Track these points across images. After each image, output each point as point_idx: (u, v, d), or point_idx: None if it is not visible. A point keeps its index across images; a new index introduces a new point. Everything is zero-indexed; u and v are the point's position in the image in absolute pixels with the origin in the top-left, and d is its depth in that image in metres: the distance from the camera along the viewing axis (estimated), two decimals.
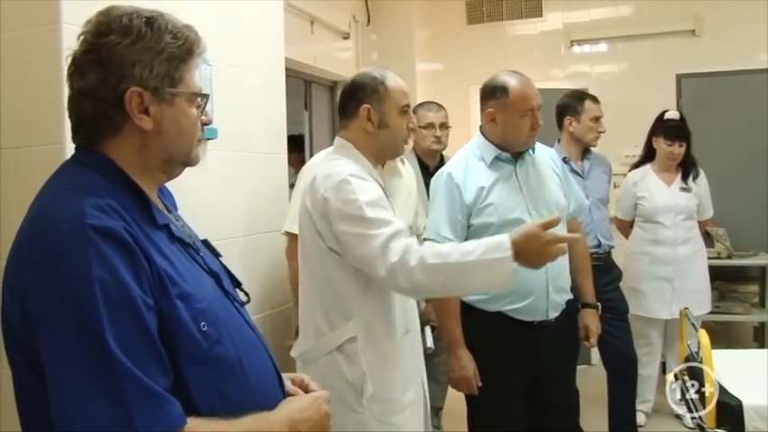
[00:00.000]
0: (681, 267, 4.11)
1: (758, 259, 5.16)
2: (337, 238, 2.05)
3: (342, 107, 2.25)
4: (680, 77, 5.58)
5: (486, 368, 2.61)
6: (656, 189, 4.19)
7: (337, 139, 2.27)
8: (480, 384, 2.60)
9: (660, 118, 4.25)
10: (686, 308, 2.84)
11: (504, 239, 1.90)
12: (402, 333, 2.19)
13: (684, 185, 4.19)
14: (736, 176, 4.86)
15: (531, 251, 1.90)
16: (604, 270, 3.74)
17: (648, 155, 4.29)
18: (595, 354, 4.58)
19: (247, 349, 1.31)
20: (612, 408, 3.88)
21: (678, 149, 4.12)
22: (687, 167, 4.21)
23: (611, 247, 3.96)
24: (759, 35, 5.34)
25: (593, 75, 5.81)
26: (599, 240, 3.83)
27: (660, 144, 4.18)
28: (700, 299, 4.16)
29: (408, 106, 2.25)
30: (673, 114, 4.21)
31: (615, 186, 4.60)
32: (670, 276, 4.11)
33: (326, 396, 1.44)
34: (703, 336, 2.36)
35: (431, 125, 3.77)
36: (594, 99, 4.00)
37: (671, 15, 5.56)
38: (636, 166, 4.36)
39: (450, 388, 2.89)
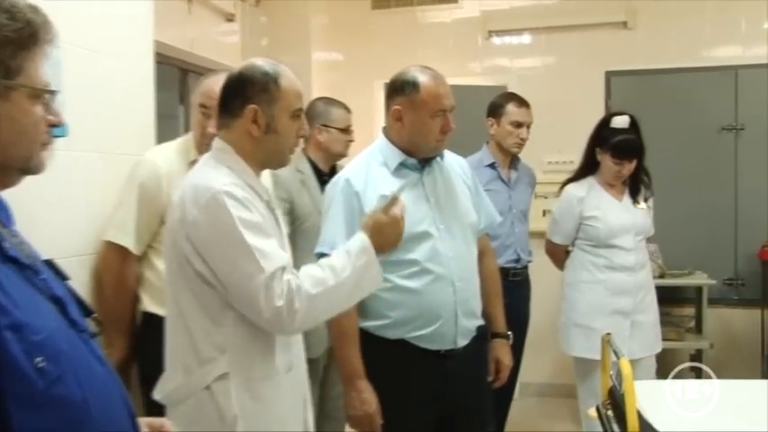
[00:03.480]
0: (640, 298, 3.94)
1: (693, 279, 5.40)
2: (211, 269, 2.04)
3: (224, 102, 2.22)
4: (609, 75, 5.81)
5: (388, 403, 2.64)
6: (609, 206, 3.97)
7: (216, 140, 2.25)
8: (383, 422, 2.63)
9: (605, 124, 3.99)
10: (608, 333, 2.92)
11: (362, 240, 2.17)
12: (284, 370, 2.19)
13: (635, 200, 4.02)
14: (669, 186, 5.04)
15: (384, 239, 2.20)
16: (520, 286, 3.90)
17: (590, 166, 4.05)
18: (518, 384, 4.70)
19: (96, 389, 1.30)
20: None
21: (628, 168, 3.90)
22: (637, 183, 4.02)
23: (529, 262, 4.15)
24: (699, 29, 5.61)
25: (514, 70, 5.97)
26: (518, 255, 4.01)
27: (606, 161, 3.93)
28: (657, 334, 4.06)
29: (301, 110, 2.25)
30: (621, 122, 3.91)
31: (536, 197, 4.74)
32: (628, 309, 3.90)
33: None
34: (625, 365, 2.40)
35: (348, 128, 3.82)
36: (520, 103, 4.17)
37: (601, 5, 5.79)
38: (573, 179, 4.13)
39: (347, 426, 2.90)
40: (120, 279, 2.81)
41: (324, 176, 3.68)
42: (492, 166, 4.17)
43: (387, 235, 2.20)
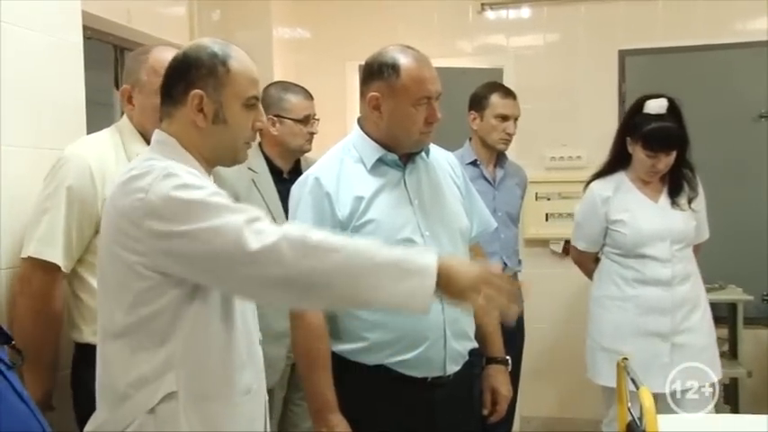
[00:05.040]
0: (681, 316, 3.89)
1: (726, 294, 5.37)
2: (171, 250, 2.00)
3: (166, 88, 2.23)
4: (623, 54, 5.82)
5: None
6: (640, 208, 3.97)
7: (157, 132, 2.25)
8: None
9: (638, 109, 3.97)
10: (625, 358, 2.92)
11: (427, 254, 2.01)
12: (242, 392, 2.19)
13: (675, 201, 3.99)
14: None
15: (462, 275, 1.99)
16: None
17: (620, 159, 4.05)
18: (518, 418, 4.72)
19: (14, 428, 1.29)
20: None
21: (665, 162, 3.89)
22: (678, 181, 4.00)
23: (518, 272, 4.24)
24: None
25: (511, 50, 5.98)
26: (504, 263, 4.10)
27: (638, 153, 3.93)
28: (710, 359, 3.86)
29: (257, 98, 2.25)
30: (656, 107, 3.88)
31: (537, 199, 4.77)
32: (666, 330, 3.86)
33: None
34: (646, 395, 2.42)
35: (307, 118, 3.78)
36: (506, 93, 4.29)
37: None
38: (600, 174, 4.15)
39: None
40: (45, 302, 2.74)
41: (282, 176, 3.69)
42: (474, 163, 4.29)
43: (465, 271, 2.03)
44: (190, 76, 2.17)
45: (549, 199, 5.46)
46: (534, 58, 5.92)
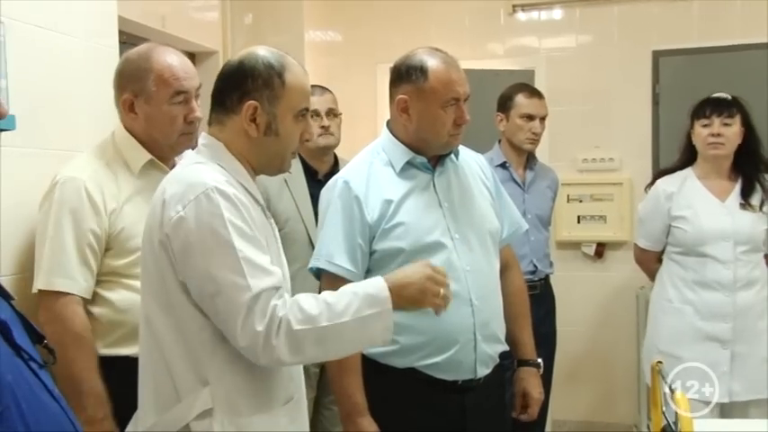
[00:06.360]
0: (743, 324, 3.75)
1: None
2: (187, 278, 2.03)
3: (218, 95, 2.23)
4: (657, 55, 5.75)
5: None
6: (703, 205, 3.87)
7: (204, 136, 2.26)
8: None
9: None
10: (659, 362, 2.89)
11: (380, 286, 2.08)
12: (281, 403, 2.20)
13: (745, 202, 3.86)
14: None
15: (410, 293, 2.11)
16: (539, 300, 4.01)
17: (688, 157, 4.02)
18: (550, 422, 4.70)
19: (46, 427, 1.30)
20: None
21: (720, 129, 3.81)
22: (749, 176, 3.90)
23: (549, 275, 4.26)
24: None
25: (543, 51, 5.94)
26: (535, 266, 4.17)
27: (697, 131, 3.89)
28: None
29: (308, 110, 2.27)
30: (719, 95, 3.94)
31: (569, 201, 4.74)
32: (726, 337, 3.75)
33: None
34: (682, 400, 2.41)
35: (315, 113, 3.77)
36: (531, 92, 4.30)
37: None
38: (667, 171, 4.12)
39: None
40: (66, 324, 2.58)
41: (317, 178, 3.70)
42: (504, 165, 4.29)
43: (410, 295, 2.12)
44: (245, 86, 2.17)
45: (581, 201, 5.43)
46: (566, 59, 5.87)
